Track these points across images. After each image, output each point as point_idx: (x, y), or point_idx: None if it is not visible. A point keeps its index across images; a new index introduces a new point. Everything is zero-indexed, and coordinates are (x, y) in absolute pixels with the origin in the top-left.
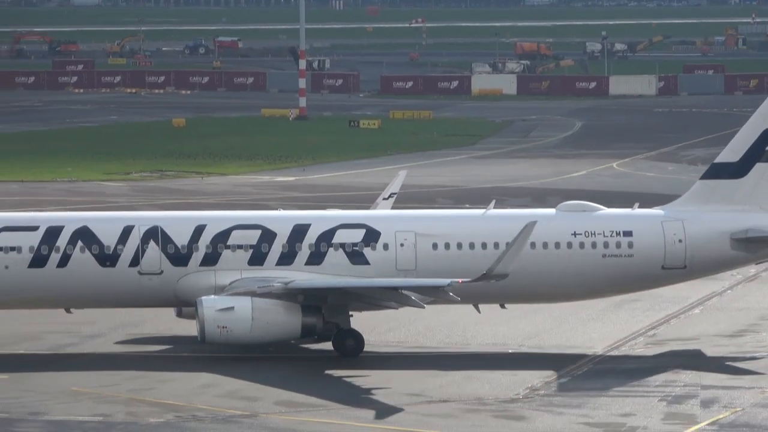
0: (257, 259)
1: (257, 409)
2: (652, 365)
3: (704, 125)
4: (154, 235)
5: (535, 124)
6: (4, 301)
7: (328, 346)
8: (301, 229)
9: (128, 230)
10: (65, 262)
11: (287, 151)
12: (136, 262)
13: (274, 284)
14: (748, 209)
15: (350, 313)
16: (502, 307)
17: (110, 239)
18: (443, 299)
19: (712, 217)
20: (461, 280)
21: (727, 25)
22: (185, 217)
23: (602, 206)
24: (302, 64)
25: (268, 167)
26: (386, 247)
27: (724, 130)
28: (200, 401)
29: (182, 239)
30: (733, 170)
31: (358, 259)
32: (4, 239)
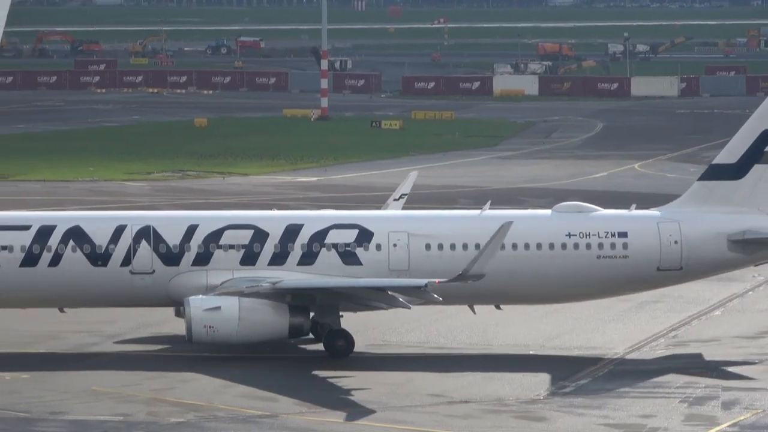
0: (249, 259)
1: (277, 409)
2: (672, 366)
3: (726, 126)
4: (146, 234)
5: (556, 125)
6: None
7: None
8: (293, 229)
9: (120, 230)
10: (57, 261)
11: (309, 151)
12: (128, 261)
13: (262, 284)
14: (745, 211)
15: (340, 313)
16: (497, 308)
17: (102, 239)
18: (425, 299)
19: (709, 218)
20: (438, 280)
21: (749, 26)
22: (177, 216)
23: (598, 207)
24: (324, 64)
25: (289, 167)
26: (379, 247)
27: None
28: (220, 401)
29: (174, 239)
30: (731, 171)
31: (350, 259)
32: None
